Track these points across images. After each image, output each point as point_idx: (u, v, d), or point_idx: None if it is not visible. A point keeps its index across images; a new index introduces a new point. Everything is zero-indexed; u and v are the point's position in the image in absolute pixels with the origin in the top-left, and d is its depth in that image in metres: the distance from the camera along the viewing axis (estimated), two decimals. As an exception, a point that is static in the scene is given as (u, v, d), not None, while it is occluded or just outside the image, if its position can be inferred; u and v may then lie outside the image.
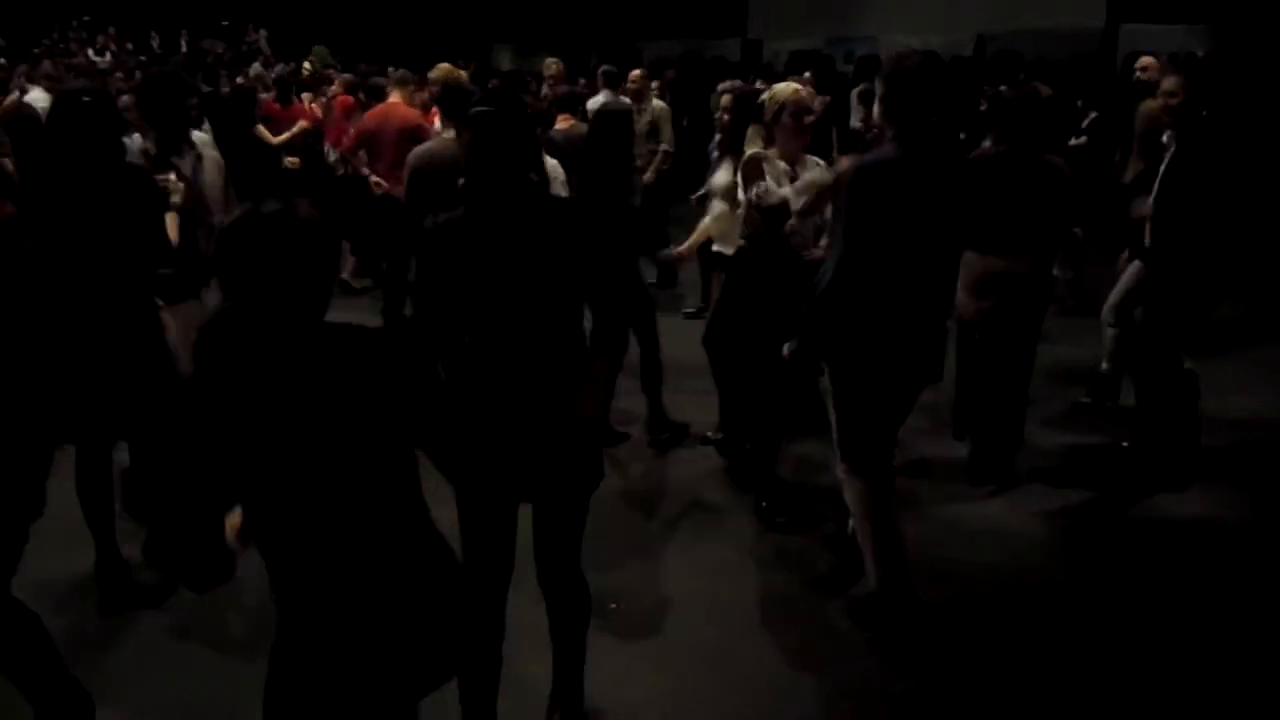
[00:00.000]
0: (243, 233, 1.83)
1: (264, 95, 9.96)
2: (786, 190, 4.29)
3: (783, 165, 4.35)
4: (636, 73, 8.64)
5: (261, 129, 9.15)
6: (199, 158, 4.53)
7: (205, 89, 9.37)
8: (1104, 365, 5.78)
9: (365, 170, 7.27)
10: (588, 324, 2.89)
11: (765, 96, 4.49)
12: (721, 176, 5.26)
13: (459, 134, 4.62)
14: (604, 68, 8.83)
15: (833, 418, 3.70)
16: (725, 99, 5.31)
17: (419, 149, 5.18)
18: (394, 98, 7.27)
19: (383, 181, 6.84)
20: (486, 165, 2.69)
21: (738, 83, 8.38)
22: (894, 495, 3.72)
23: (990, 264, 4.61)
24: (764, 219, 4.28)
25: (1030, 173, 4.63)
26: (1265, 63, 10.55)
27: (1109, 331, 5.68)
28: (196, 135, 4.84)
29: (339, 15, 20.17)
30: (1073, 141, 7.83)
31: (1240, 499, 4.81)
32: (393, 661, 1.98)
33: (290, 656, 1.95)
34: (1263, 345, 7.00)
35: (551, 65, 9.83)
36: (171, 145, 4.44)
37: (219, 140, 5.40)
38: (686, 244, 5.56)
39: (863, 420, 3.62)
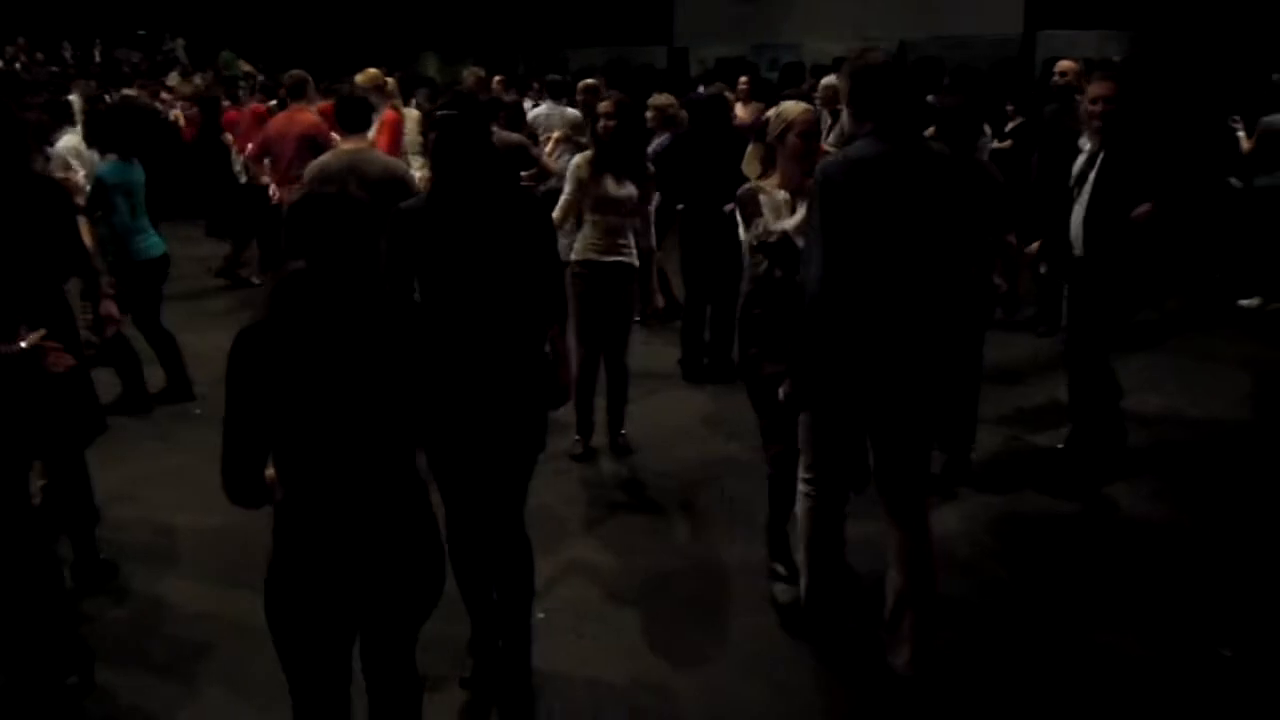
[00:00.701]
0: (309, 206, 2.25)
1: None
2: (788, 223, 3.70)
3: (782, 195, 3.78)
4: (586, 82, 8.64)
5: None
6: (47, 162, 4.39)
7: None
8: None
9: (264, 179, 7.29)
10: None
11: (771, 114, 3.94)
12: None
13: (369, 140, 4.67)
14: (550, 77, 8.89)
15: (802, 432, 3.59)
16: (604, 105, 5.15)
17: (315, 162, 5.17)
18: (295, 105, 7.12)
19: (277, 190, 6.83)
20: (452, 163, 3.03)
21: (662, 96, 8.39)
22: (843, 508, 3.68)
23: None
24: (769, 259, 3.73)
25: (966, 180, 4.63)
26: (1178, 67, 10.87)
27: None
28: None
29: (259, 22, 19.82)
30: (996, 145, 7.97)
31: (1164, 494, 4.94)
32: (369, 586, 2.29)
33: (285, 574, 2.27)
34: (1171, 342, 7.25)
35: (470, 76, 9.76)
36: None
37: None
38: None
39: (827, 431, 3.53)
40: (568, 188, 5.11)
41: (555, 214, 4.83)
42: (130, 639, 3.79)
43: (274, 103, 9.04)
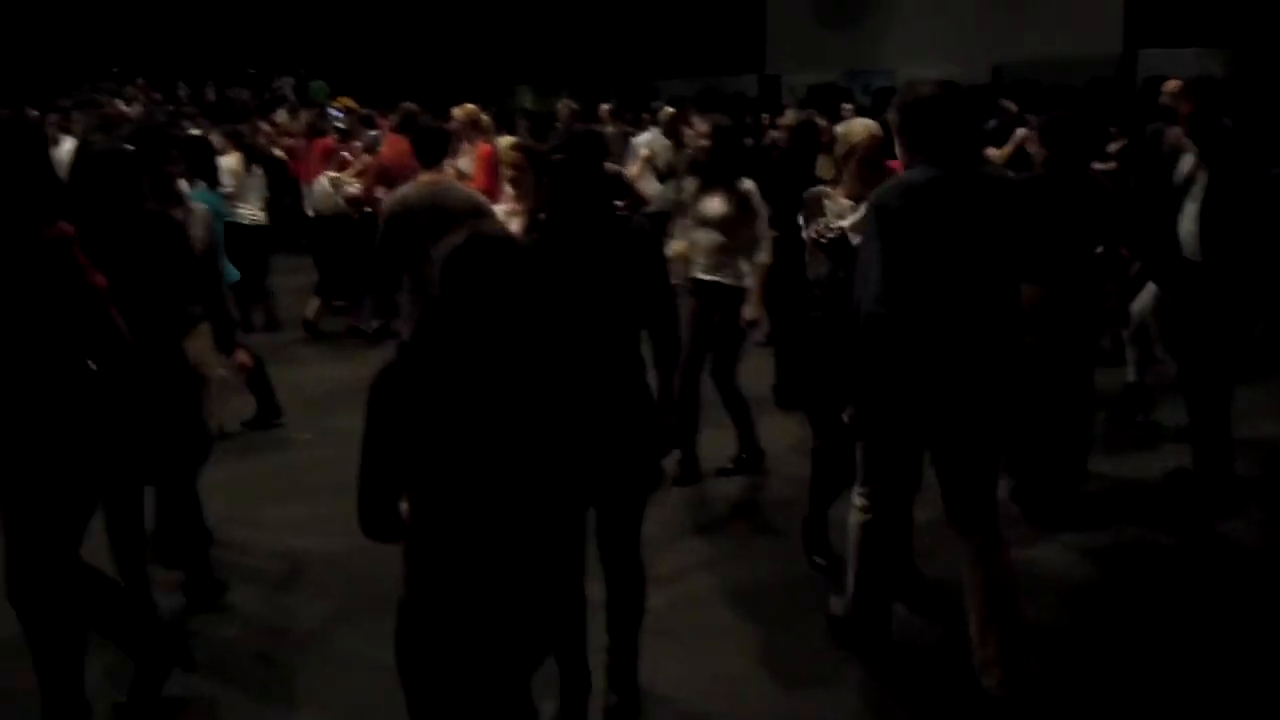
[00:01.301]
0: (470, 252, 2.20)
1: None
2: (845, 221, 3.95)
3: (846, 202, 4.05)
4: (667, 111, 8.81)
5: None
6: (188, 211, 4.56)
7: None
8: (1131, 376, 5.86)
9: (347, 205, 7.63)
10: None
11: (839, 132, 4.24)
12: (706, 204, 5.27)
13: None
14: (655, 104, 9.05)
15: (859, 450, 3.63)
16: (701, 128, 5.32)
17: (395, 194, 5.21)
18: (404, 136, 7.38)
19: None
20: (567, 205, 3.11)
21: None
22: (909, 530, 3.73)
23: (1041, 294, 4.45)
24: (828, 256, 3.94)
25: (1075, 194, 4.58)
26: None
27: (1132, 350, 5.78)
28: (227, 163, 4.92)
29: (363, 59, 20.46)
30: (1099, 166, 7.83)
31: (1274, 525, 4.79)
32: (508, 631, 2.25)
33: (420, 614, 2.24)
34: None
35: (563, 109, 9.98)
36: (163, 199, 4.39)
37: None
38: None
39: (884, 451, 3.55)
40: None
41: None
42: (236, 658, 3.89)
43: (334, 136, 9.35)
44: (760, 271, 5.28)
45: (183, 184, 4.95)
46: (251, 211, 8.07)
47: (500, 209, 5.10)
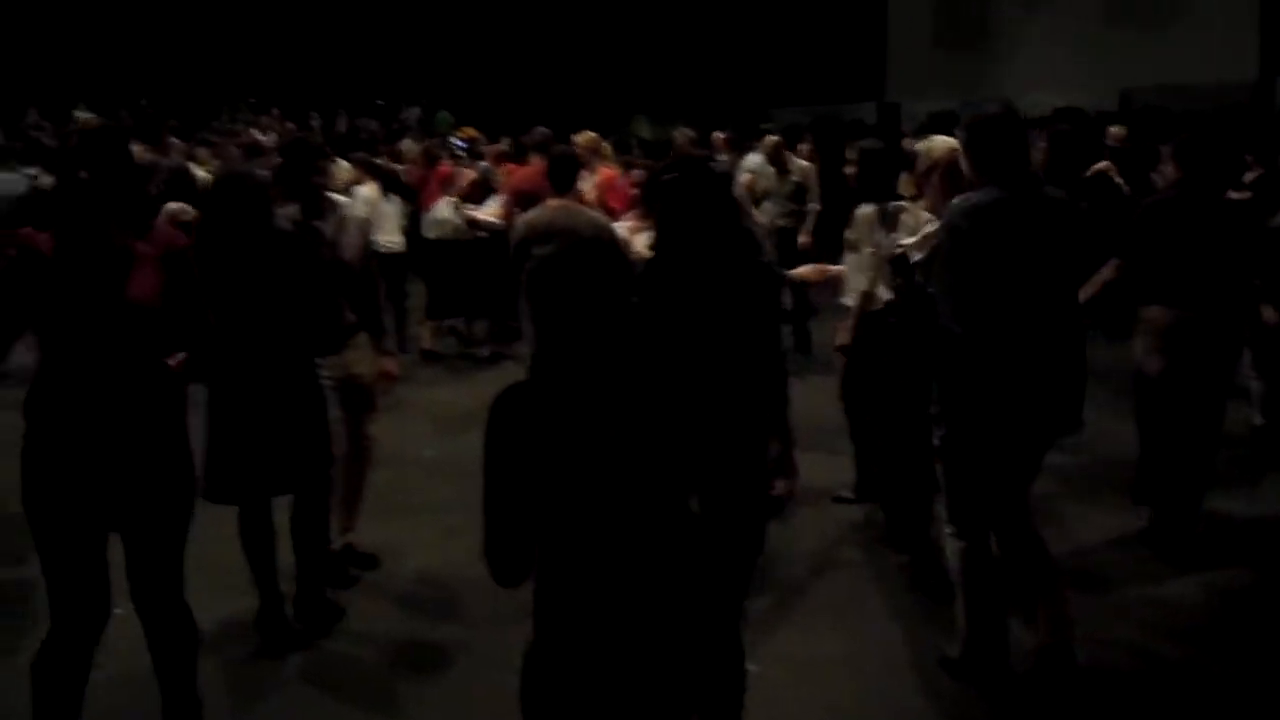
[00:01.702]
0: (556, 262, 2.13)
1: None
2: (907, 240, 4.22)
3: (926, 216, 4.30)
4: (771, 138, 8.83)
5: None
6: (342, 219, 4.68)
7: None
8: (1257, 420, 5.65)
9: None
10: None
11: (920, 149, 4.50)
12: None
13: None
14: (763, 125, 9.09)
15: (942, 475, 3.63)
16: (851, 154, 5.45)
17: (523, 218, 5.37)
18: (536, 159, 7.58)
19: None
20: (679, 228, 3.03)
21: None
22: (1051, 564, 3.62)
23: (1175, 316, 4.43)
24: (892, 270, 4.17)
25: (1211, 217, 4.47)
26: None
27: (1255, 385, 5.59)
28: (341, 197, 5.09)
29: (485, 91, 21.01)
30: (1234, 195, 7.58)
31: None
32: (643, 681, 2.11)
33: (550, 662, 2.13)
34: None
35: (680, 137, 10.10)
36: (313, 210, 4.57)
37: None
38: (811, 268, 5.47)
39: (976, 480, 3.52)
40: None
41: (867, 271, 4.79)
42: (355, 674, 3.99)
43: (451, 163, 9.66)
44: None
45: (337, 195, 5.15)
46: (389, 239, 8.32)
47: (622, 226, 5.24)
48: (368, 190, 8.09)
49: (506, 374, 5.46)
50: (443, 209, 8.80)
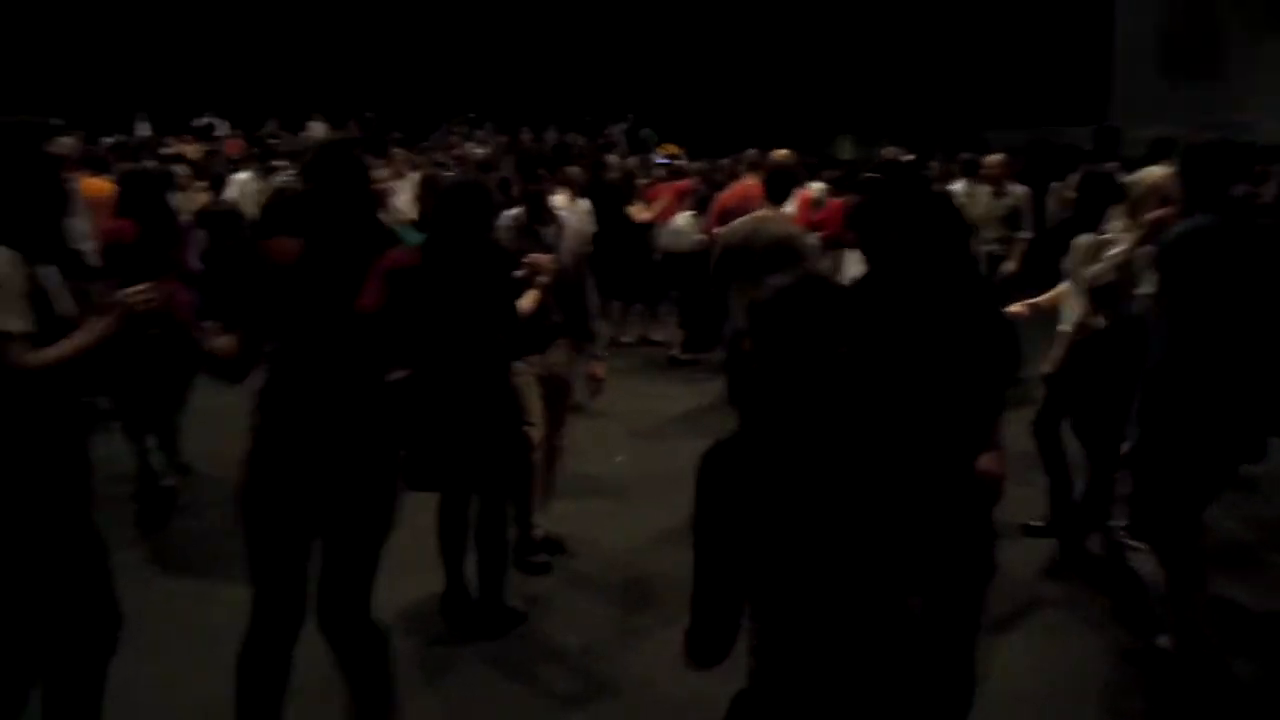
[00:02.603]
0: (784, 297, 1.98)
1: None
2: (1093, 269, 4.39)
3: (1126, 245, 4.34)
4: (995, 158, 8.58)
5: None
6: (561, 227, 4.91)
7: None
8: None
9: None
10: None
11: (1130, 180, 4.52)
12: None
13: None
14: (963, 155, 8.92)
15: (1133, 491, 3.63)
16: (1072, 178, 5.36)
17: (725, 228, 5.51)
18: (748, 179, 7.64)
19: None
20: (879, 235, 2.99)
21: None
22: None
23: None
24: (1096, 300, 4.39)
25: None
26: None
27: None
28: (562, 205, 5.37)
29: (688, 109, 21.26)
30: None
31: None
32: None
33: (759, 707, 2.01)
34: None
35: (889, 155, 9.92)
36: (536, 216, 4.87)
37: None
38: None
39: (1176, 496, 3.51)
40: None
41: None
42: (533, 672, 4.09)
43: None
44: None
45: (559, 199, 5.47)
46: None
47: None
48: (561, 200, 8.36)
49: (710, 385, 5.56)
50: (678, 223, 8.99)
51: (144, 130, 17.86)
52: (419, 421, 4.05)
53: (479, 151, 16.22)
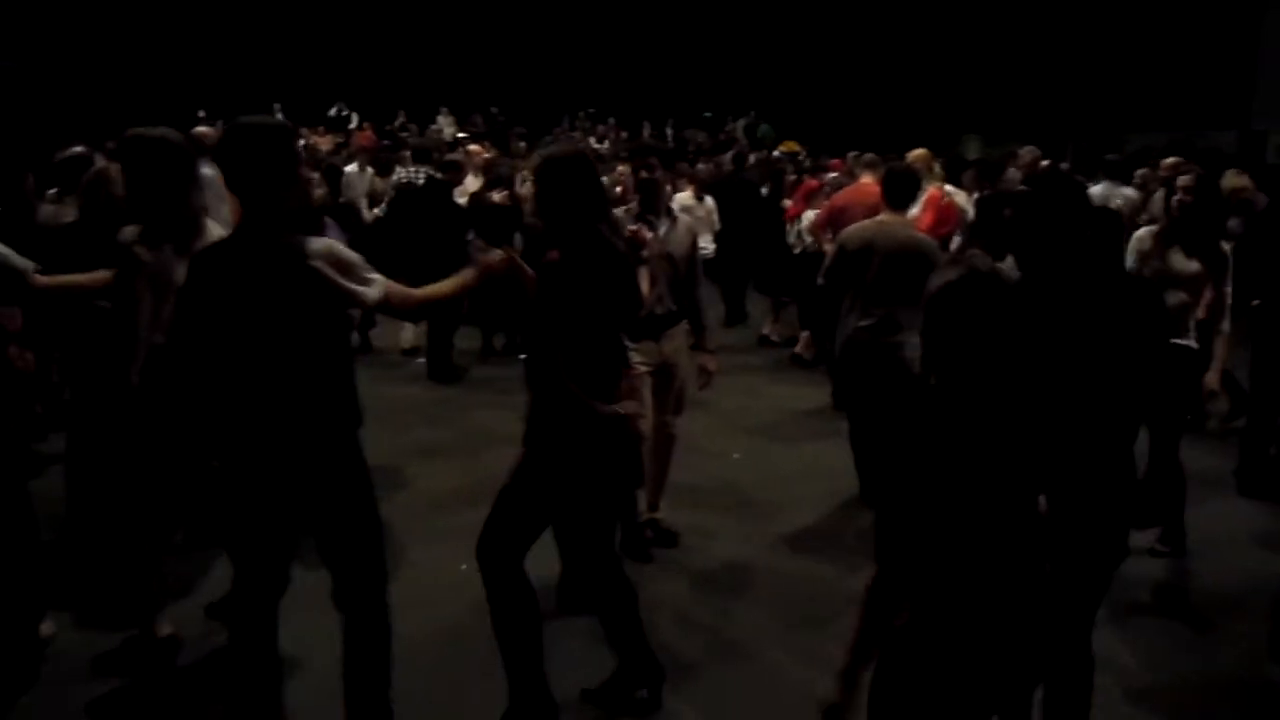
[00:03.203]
0: (960, 287, 2.14)
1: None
2: None
3: None
4: (1170, 161, 8.33)
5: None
6: (674, 220, 4.96)
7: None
8: None
9: (826, 246, 7.68)
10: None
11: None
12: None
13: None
14: (1108, 156, 8.69)
15: None
16: (1182, 180, 4.98)
17: (844, 231, 5.41)
18: (865, 179, 7.51)
19: None
20: (1033, 244, 2.94)
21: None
22: None
23: None
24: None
25: None
26: None
27: None
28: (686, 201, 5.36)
29: (811, 106, 21.07)
30: None
31: None
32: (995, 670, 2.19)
33: (921, 647, 2.19)
34: None
35: (1027, 154, 9.67)
36: (649, 206, 4.91)
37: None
38: None
39: None
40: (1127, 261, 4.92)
41: None
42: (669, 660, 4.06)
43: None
44: (1225, 340, 4.91)
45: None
46: (701, 244, 8.53)
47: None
48: (685, 196, 8.40)
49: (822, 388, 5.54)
50: (806, 221, 8.93)
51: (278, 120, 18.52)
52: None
53: (599, 146, 16.39)
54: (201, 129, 8.61)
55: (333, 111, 19.40)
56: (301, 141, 15.72)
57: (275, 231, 2.90)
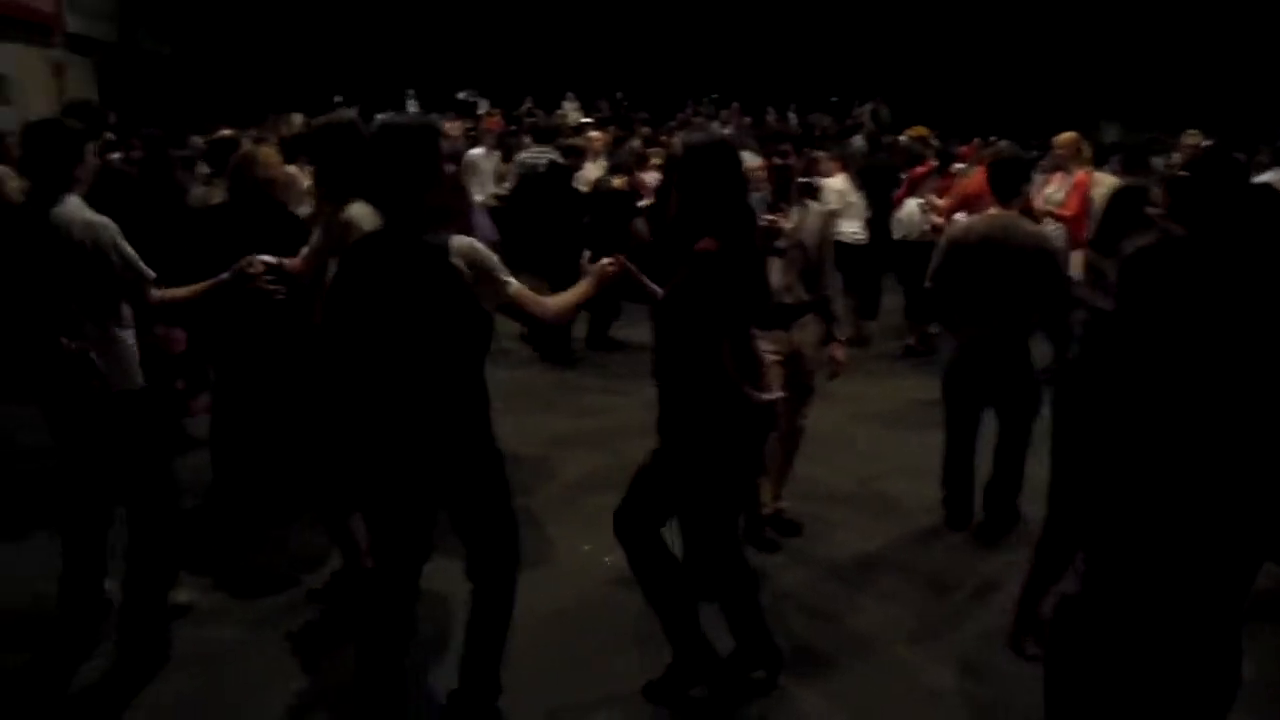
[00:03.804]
0: (1156, 254, 2.16)
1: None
2: None
3: None
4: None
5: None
6: (806, 208, 4.90)
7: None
8: None
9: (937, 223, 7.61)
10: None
11: None
12: None
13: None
14: None
15: None
16: None
17: (959, 224, 5.23)
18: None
19: None
20: (1203, 219, 2.94)
21: None
22: None
23: None
24: None
25: None
26: None
27: None
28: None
29: (944, 89, 20.56)
30: None
31: None
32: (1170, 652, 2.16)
33: (1091, 618, 2.22)
34: None
35: (1191, 139, 9.28)
36: (782, 193, 4.86)
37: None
38: None
39: None
40: None
41: None
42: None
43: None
44: None
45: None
46: (853, 230, 8.42)
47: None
48: (838, 181, 8.25)
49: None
50: (911, 208, 8.74)
51: (412, 107, 18.97)
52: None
53: (723, 132, 16.30)
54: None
55: (461, 95, 19.75)
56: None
57: (418, 228, 3.04)
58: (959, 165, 9.41)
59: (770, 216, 4.57)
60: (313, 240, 3.94)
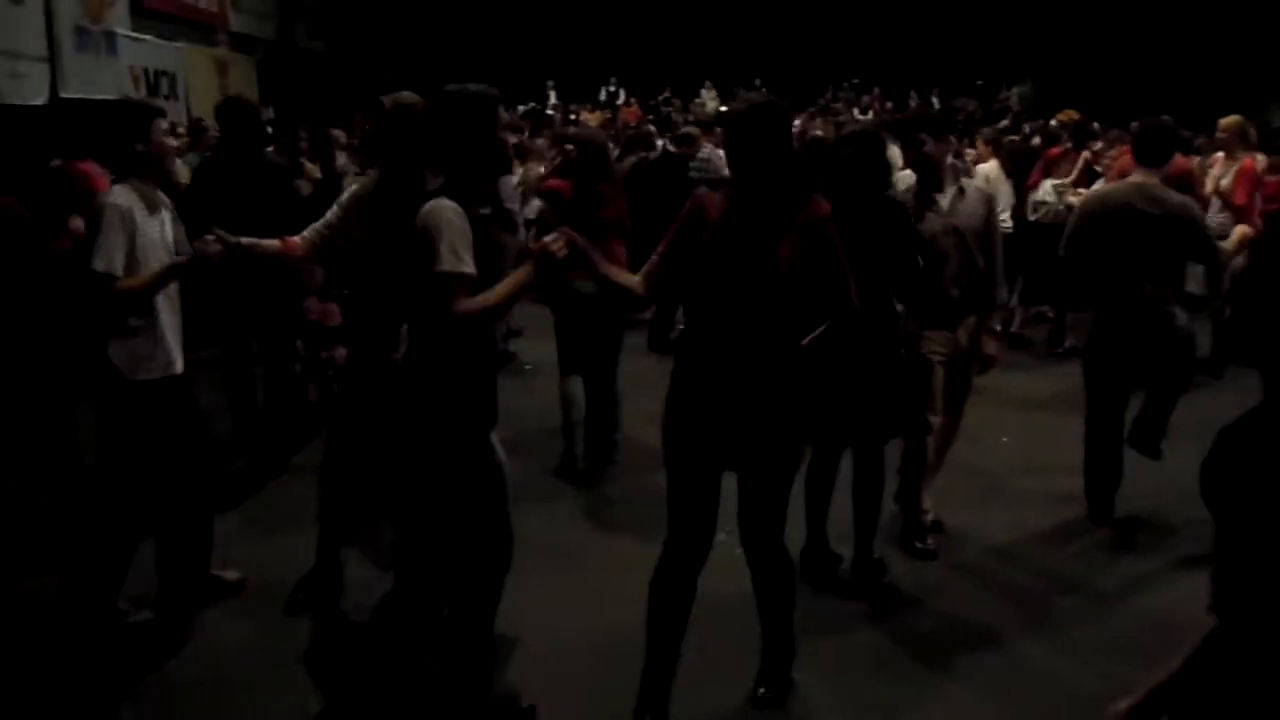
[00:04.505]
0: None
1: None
2: None
3: None
4: None
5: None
6: (961, 192, 4.60)
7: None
8: None
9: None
10: None
11: None
12: None
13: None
14: None
15: None
16: None
17: (1096, 190, 4.97)
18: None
19: None
20: None
21: None
22: None
23: None
24: None
25: None
26: None
27: None
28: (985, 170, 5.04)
29: (1099, 72, 19.73)
30: None
31: None
32: None
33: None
34: None
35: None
36: (929, 182, 4.60)
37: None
38: None
39: None
40: None
41: None
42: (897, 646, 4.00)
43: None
44: None
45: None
46: (1003, 218, 8.14)
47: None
48: (990, 167, 8.03)
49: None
50: (1044, 191, 8.45)
51: (552, 98, 19.27)
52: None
53: (863, 118, 16.02)
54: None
55: (605, 92, 19.98)
56: (573, 117, 16.25)
57: (472, 191, 3.03)
58: (1096, 145, 9.02)
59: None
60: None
